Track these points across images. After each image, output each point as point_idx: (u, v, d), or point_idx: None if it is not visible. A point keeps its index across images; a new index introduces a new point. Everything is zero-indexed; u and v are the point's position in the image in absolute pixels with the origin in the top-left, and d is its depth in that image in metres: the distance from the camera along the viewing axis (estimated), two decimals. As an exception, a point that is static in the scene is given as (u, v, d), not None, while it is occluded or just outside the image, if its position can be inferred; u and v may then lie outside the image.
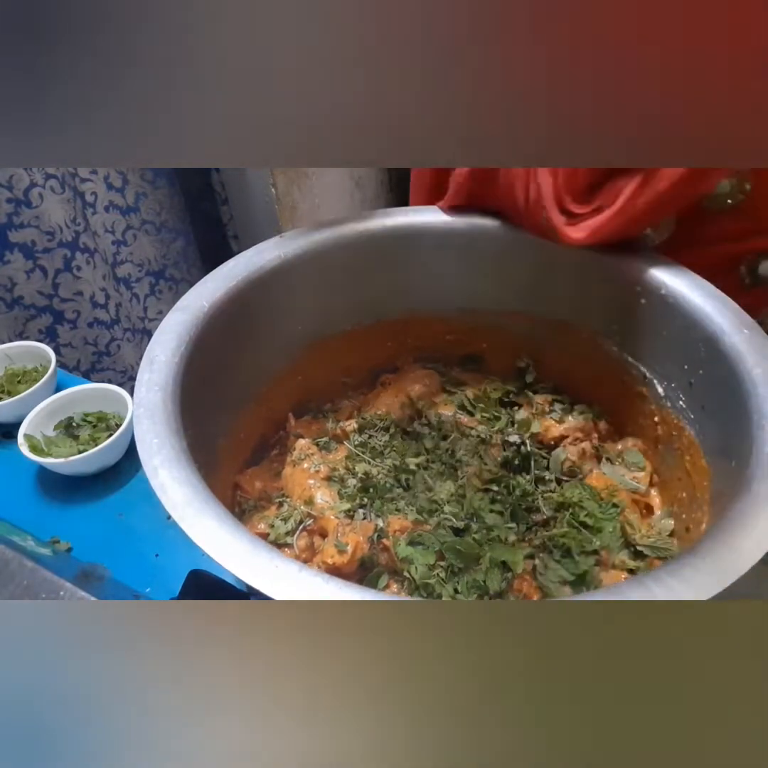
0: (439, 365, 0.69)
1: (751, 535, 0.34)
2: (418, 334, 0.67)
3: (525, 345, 0.65)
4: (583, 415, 0.61)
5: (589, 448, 0.58)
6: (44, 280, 1.20)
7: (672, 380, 0.53)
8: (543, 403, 0.63)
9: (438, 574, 0.48)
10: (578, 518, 0.52)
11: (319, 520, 0.53)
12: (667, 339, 0.53)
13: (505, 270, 0.61)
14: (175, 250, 1.50)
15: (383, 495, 0.54)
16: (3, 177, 1.08)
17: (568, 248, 0.55)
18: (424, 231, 0.60)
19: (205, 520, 0.34)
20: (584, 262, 0.56)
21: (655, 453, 0.57)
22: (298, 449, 0.59)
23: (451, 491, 0.55)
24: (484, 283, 0.63)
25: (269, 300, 0.56)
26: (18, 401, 0.79)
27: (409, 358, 0.69)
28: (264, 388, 0.60)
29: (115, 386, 0.78)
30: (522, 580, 0.49)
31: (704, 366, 0.49)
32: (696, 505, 0.49)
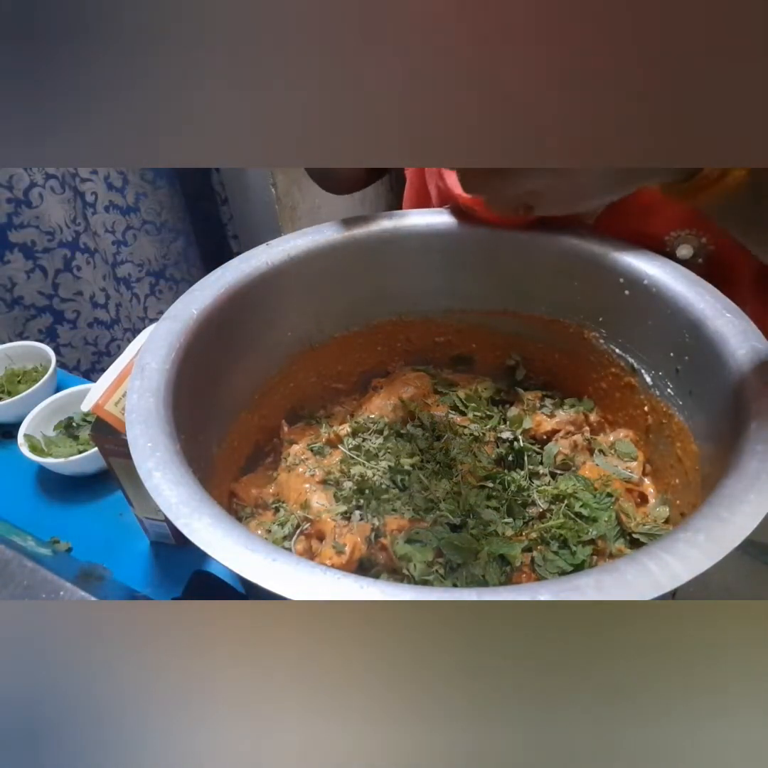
0: (430, 367, 0.69)
1: (742, 510, 0.34)
2: (408, 337, 0.68)
3: (513, 343, 0.66)
4: (574, 409, 0.61)
5: (581, 441, 0.59)
6: (44, 280, 1.20)
7: (659, 369, 0.54)
8: (533, 398, 0.63)
9: (437, 571, 0.49)
10: (573, 509, 0.52)
11: (316, 523, 0.53)
12: (652, 328, 0.54)
13: (490, 270, 0.62)
14: (175, 250, 1.50)
15: (379, 496, 0.54)
16: (3, 177, 1.09)
17: (550, 245, 0.56)
18: (408, 234, 0.61)
19: (201, 518, 0.34)
20: (567, 257, 0.57)
21: (646, 442, 0.57)
22: (292, 455, 0.59)
23: (446, 489, 0.55)
24: (470, 284, 0.64)
25: (258, 307, 0.57)
26: (18, 401, 0.80)
27: (399, 361, 0.69)
28: (256, 396, 0.60)
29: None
30: (521, 573, 0.49)
31: (690, 352, 0.50)
32: (689, 490, 0.49)
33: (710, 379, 0.47)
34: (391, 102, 0.30)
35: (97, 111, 0.30)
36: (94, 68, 0.29)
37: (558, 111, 0.30)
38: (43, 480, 0.75)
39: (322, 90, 0.30)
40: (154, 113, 0.30)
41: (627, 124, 0.30)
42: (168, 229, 1.46)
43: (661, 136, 0.30)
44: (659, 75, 0.28)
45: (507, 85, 0.29)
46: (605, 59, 0.28)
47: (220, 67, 0.30)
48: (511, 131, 0.30)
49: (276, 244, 0.58)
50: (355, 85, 0.30)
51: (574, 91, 0.29)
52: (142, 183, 1.38)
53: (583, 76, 0.29)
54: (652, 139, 0.30)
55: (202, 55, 0.29)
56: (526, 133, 0.31)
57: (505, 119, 0.30)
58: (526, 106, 0.30)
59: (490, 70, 0.29)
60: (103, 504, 0.72)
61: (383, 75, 0.30)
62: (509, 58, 0.29)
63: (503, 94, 0.29)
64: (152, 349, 0.47)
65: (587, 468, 0.57)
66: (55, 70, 0.29)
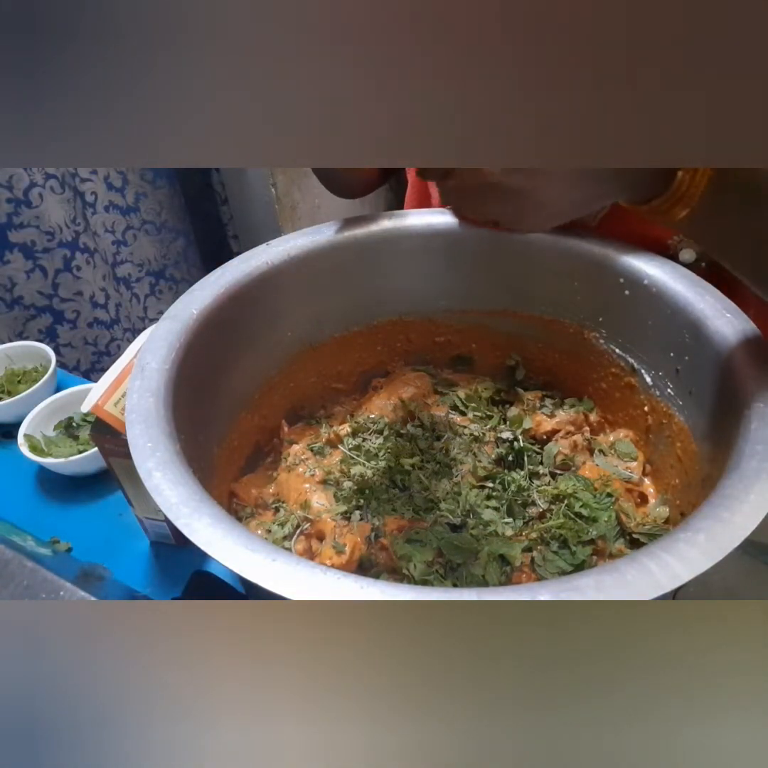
0: (430, 367, 0.69)
1: (742, 510, 0.34)
2: (408, 337, 0.68)
3: (513, 343, 0.66)
4: (574, 409, 0.61)
5: (581, 441, 0.59)
6: (44, 280, 1.20)
7: (659, 369, 0.54)
8: (533, 398, 0.63)
9: (437, 571, 0.49)
10: (573, 509, 0.52)
11: (316, 523, 0.53)
12: (652, 328, 0.54)
13: (490, 270, 0.62)
14: (175, 250, 1.50)
15: (379, 496, 0.54)
16: (3, 177, 1.09)
17: (550, 246, 0.56)
18: (409, 234, 0.61)
19: (201, 518, 0.34)
20: (567, 258, 0.57)
21: (646, 442, 0.57)
22: (292, 455, 0.59)
23: (446, 489, 0.55)
24: (470, 284, 0.64)
25: (258, 307, 0.57)
26: (18, 401, 0.80)
27: (399, 361, 0.69)
28: (256, 396, 0.60)
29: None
30: (521, 573, 0.49)
31: (690, 352, 0.50)
32: (689, 490, 0.49)
33: (710, 379, 0.47)
34: (391, 102, 0.30)
35: (97, 111, 0.30)
36: (94, 68, 0.29)
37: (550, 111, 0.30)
38: (43, 480, 0.75)
39: (322, 90, 0.30)
40: (154, 113, 0.30)
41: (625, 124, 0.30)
42: (168, 229, 1.46)
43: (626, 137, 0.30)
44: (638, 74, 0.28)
45: (505, 86, 0.29)
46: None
47: (220, 67, 0.30)
48: (508, 131, 0.30)
49: (276, 243, 0.58)
50: (354, 85, 0.30)
51: (566, 92, 0.29)
52: (142, 183, 1.38)
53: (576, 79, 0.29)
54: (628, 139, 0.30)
55: (202, 55, 0.29)
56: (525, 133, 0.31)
57: (502, 119, 0.30)
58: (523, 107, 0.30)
59: (490, 71, 0.29)
60: (103, 504, 0.72)
61: (383, 74, 0.30)
62: (509, 58, 0.29)
63: (501, 94, 0.30)
64: (152, 349, 0.47)
65: (587, 468, 0.57)
66: (55, 70, 0.29)
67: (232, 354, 0.56)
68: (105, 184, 1.29)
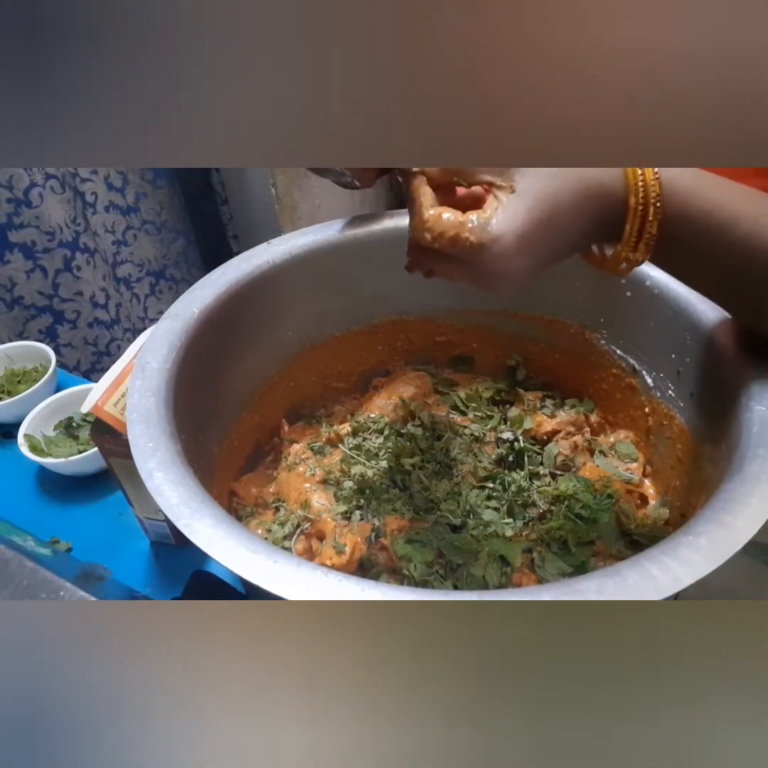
0: (431, 367, 0.69)
1: (744, 513, 0.34)
2: (408, 336, 0.67)
3: (514, 343, 0.66)
4: (575, 409, 0.61)
5: (581, 442, 0.59)
6: (44, 280, 1.20)
7: (660, 370, 0.54)
8: (534, 399, 0.63)
9: (437, 571, 0.49)
10: (574, 510, 0.52)
11: (316, 523, 0.53)
12: (653, 330, 0.53)
13: (492, 269, 0.62)
14: (175, 250, 1.50)
15: (379, 496, 0.54)
16: (3, 177, 1.09)
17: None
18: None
19: (202, 519, 0.34)
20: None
21: (647, 443, 0.57)
22: (292, 454, 0.59)
23: (446, 489, 0.55)
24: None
25: (259, 306, 0.57)
26: (18, 401, 0.80)
27: (400, 361, 0.69)
28: (256, 395, 0.60)
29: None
30: (521, 573, 0.49)
31: (691, 354, 0.49)
32: (689, 492, 0.49)
33: (711, 381, 0.46)
34: (390, 102, 0.30)
35: (97, 111, 0.30)
36: (94, 68, 0.29)
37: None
38: (43, 480, 0.75)
39: (322, 90, 0.30)
40: (154, 113, 0.30)
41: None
42: (168, 229, 1.46)
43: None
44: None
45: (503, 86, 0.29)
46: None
47: (220, 68, 0.30)
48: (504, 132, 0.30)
49: (277, 243, 0.58)
50: (354, 85, 0.30)
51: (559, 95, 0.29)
52: (142, 183, 1.37)
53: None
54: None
55: (202, 55, 0.29)
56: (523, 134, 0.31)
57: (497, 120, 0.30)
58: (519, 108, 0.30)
59: (488, 72, 0.29)
60: (103, 504, 0.72)
61: (383, 74, 0.30)
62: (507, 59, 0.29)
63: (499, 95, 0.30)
64: (153, 349, 0.46)
65: (587, 469, 0.57)
66: (55, 70, 0.29)
67: (232, 353, 0.56)
68: (105, 184, 1.29)
